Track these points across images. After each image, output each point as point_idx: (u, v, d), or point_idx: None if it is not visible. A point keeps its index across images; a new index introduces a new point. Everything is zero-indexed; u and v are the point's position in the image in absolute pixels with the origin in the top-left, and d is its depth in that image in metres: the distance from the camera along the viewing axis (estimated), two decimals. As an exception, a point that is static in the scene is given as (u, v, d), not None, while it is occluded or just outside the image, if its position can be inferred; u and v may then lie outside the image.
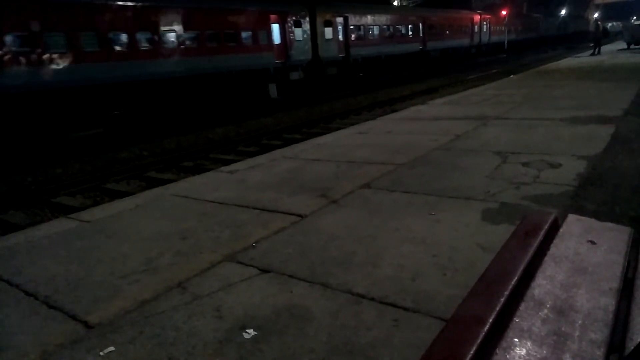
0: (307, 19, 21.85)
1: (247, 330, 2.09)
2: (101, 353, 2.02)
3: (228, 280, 2.59)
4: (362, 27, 25.70)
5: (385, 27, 27.73)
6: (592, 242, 1.32)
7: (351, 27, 24.78)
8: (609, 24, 68.03)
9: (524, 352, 0.90)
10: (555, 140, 5.38)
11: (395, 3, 40.13)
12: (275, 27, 20.33)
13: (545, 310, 1.03)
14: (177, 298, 2.45)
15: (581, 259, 1.24)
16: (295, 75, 21.60)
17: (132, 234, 3.48)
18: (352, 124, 9.56)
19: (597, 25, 25.66)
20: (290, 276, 2.57)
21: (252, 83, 19.04)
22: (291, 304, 2.29)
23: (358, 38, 25.43)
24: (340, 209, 3.65)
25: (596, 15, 74.64)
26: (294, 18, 21.22)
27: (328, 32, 23.32)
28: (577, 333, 0.96)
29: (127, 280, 2.70)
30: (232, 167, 5.65)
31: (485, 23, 41.04)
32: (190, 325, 2.18)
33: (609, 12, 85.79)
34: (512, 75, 17.38)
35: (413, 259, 2.65)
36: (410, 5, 42.21)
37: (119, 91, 14.50)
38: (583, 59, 22.20)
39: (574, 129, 5.96)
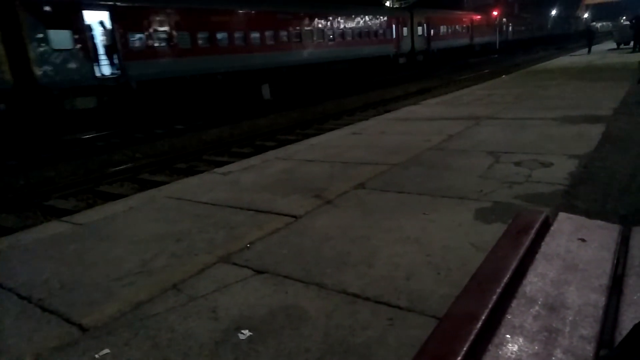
0: (408, 21, 31.25)
1: (243, 331, 2.10)
2: (96, 356, 2.02)
3: (223, 281, 2.59)
4: (437, 26, 34.78)
5: (450, 26, 36.88)
6: (583, 240, 1.35)
7: (431, 26, 33.74)
8: (599, 24, 68.71)
9: (515, 348, 0.92)
10: (547, 139, 5.43)
11: (388, 4, 40.31)
12: (393, 27, 29.76)
13: (537, 307, 1.04)
14: (173, 300, 2.45)
15: (572, 256, 1.27)
16: (401, 60, 30.86)
17: (126, 236, 3.47)
18: (346, 125, 9.59)
19: (588, 27, 27.27)
20: (285, 277, 2.58)
21: (378, 64, 28.28)
22: (286, 304, 2.30)
23: (435, 34, 34.28)
24: (334, 210, 3.66)
25: (586, 15, 75.49)
26: (403, 20, 30.62)
27: (420, 30, 32.62)
28: (567, 329, 0.98)
29: (122, 282, 2.70)
30: (226, 168, 5.64)
31: (510, 23, 49.28)
32: (185, 326, 2.19)
33: (599, 13, 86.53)
34: (504, 76, 17.48)
35: (407, 259, 2.67)
36: (402, 5, 42.47)
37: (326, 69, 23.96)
38: (574, 58, 22.38)
39: (565, 128, 6.02)
